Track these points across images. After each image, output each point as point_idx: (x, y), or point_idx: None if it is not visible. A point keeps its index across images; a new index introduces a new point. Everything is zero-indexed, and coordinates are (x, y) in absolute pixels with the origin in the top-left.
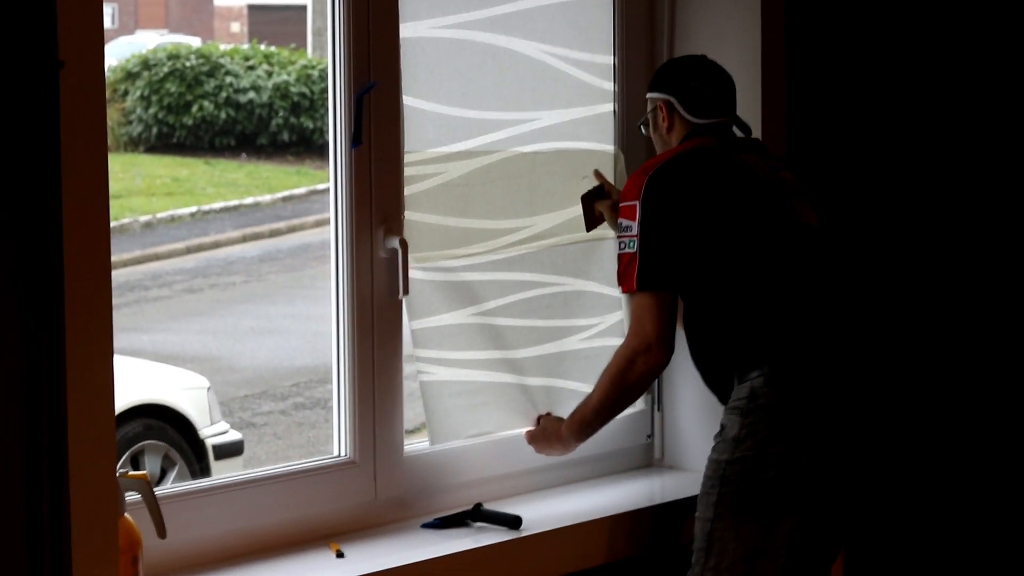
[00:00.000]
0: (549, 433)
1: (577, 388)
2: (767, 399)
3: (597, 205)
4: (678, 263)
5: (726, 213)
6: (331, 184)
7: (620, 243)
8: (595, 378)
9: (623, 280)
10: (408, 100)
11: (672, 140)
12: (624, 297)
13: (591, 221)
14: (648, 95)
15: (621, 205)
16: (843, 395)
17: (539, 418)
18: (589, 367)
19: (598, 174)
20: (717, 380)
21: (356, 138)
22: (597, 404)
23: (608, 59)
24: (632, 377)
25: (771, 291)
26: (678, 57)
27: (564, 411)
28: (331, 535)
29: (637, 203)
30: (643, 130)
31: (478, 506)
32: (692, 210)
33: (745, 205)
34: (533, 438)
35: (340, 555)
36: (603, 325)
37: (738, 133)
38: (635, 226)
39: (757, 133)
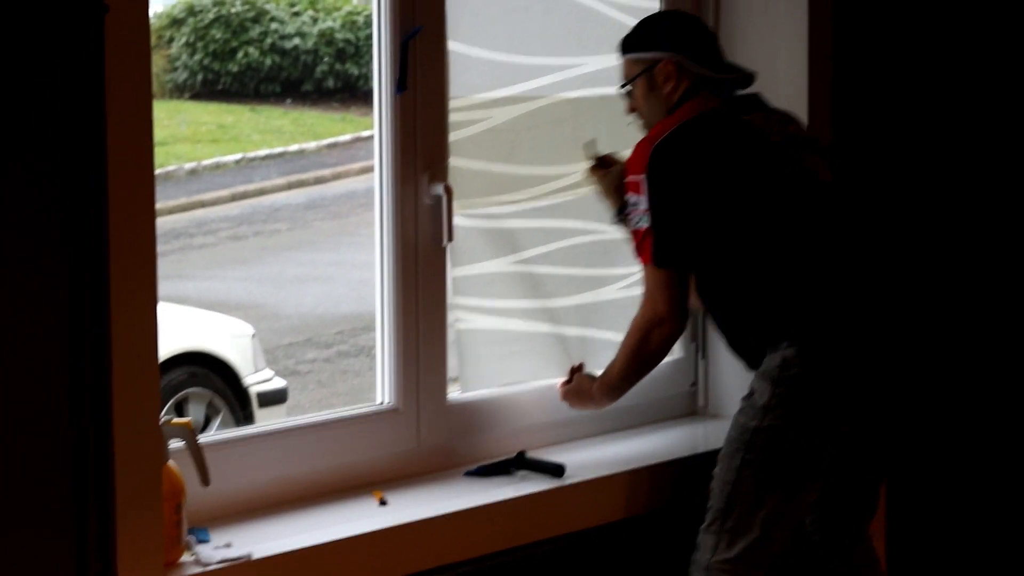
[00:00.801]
0: (582, 391)
1: (612, 338)
2: (799, 368)
3: (597, 178)
4: (692, 238)
5: (739, 180)
6: (376, 130)
7: (631, 218)
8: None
9: (640, 253)
10: (453, 45)
11: (673, 100)
12: None
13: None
14: (635, 56)
15: (627, 179)
16: (875, 366)
17: (572, 370)
18: (625, 317)
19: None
20: (746, 349)
21: (401, 83)
22: (620, 371)
23: (654, 3)
24: (650, 348)
25: (795, 258)
26: (659, 13)
27: (598, 361)
28: (374, 483)
29: (643, 177)
30: (627, 98)
31: (521, 454)
32: (702, 181)
33: (758, 169)
34: (566, 394)
35: (383, 503)
36: (640, 274)
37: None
38: (644, 200)
39: (803, 72)
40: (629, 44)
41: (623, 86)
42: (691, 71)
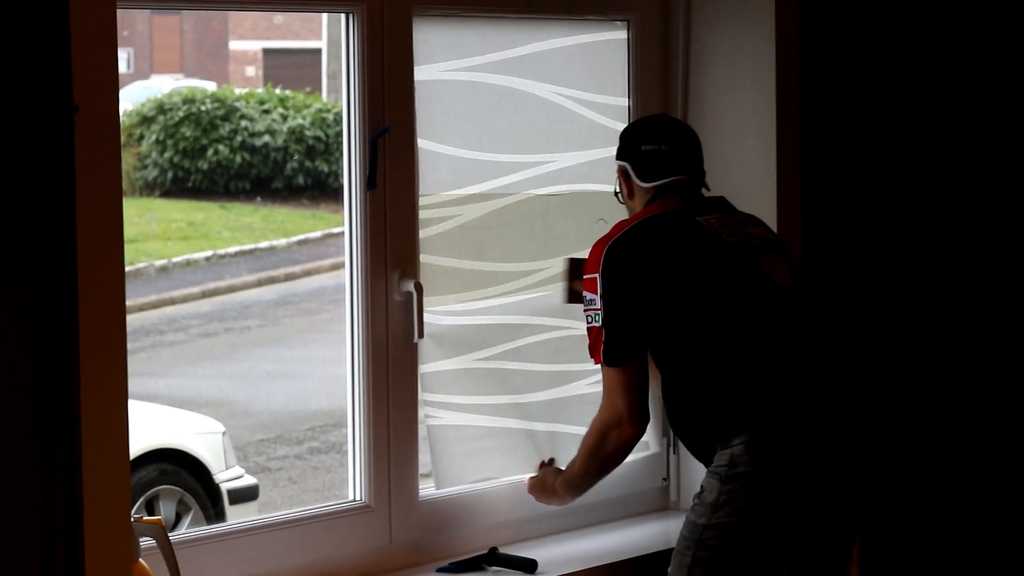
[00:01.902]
0: (546, 486)
1: (581, 432)
2: (746, 466)
3: (574, 284)
4: (644, 335)
5: (689, 279)
6: (346, 227)
7: (587, 316)
8: None
9: (593, 353)
10: (423, 143)
11: (636, 206)
12: None
13: (570, 294)
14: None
15: (584, 277)
16: (822, 462)
17: (541, 464)
18: (594, 411)
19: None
20: (699, 448)
21: (371, 181)
22: (579, 470)
23: (623, 101)
24: (607, 449)
25: (745, 356)
26: (637, 120)
27: (567, 455)
28: None
29: (597, 276)
30: (619, 199)
31: (493, 550)
32: (652, 279)
33: (709, 268)
34: (532, 488)
35: None
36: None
37: (706, 192)
38: (597, 299)
39: (772, 179)
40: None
41: (614, 191)
42: (633, 178)
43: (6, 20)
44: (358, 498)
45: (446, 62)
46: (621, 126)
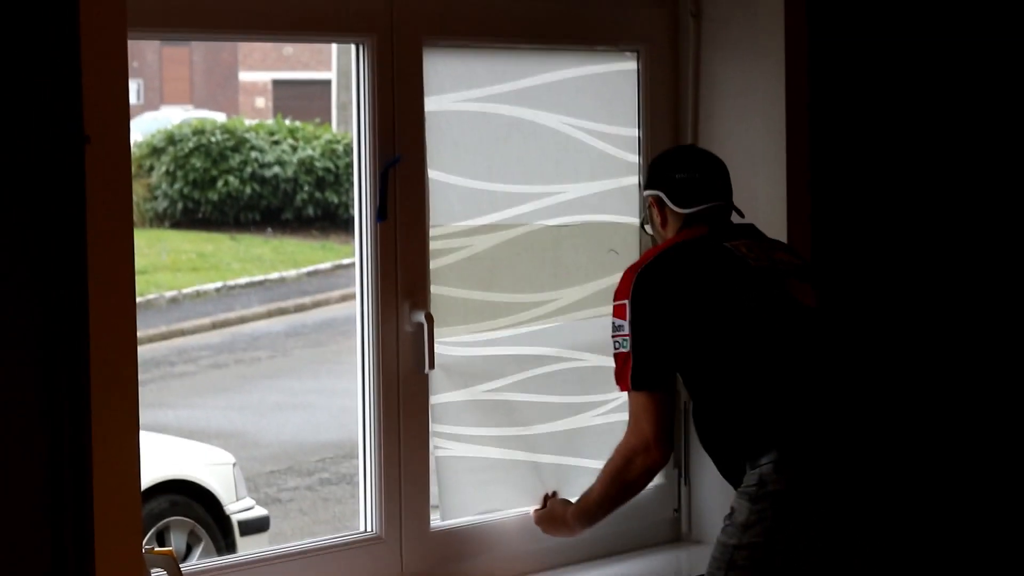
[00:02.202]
0: (556, 517)
1: (588, 465)
2: (776, 485)
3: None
4: (672, 361)
5: (717, 303)
6: (357, 258)
7: (615, 342)
8: (607, 454)
9: (619, 380)
10: (433, 174)
11: (668, 234)
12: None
13: None
14: (644, 193)
15: (614, 304)
16: (851, 481)
17: (545, 497)
18: (602, 443)
19: None
20: (729, 468)
21: (382, 212)
22: (598, 498)
23: (633, 131)
24: (631, 475)
25: (772, 377)
26: (666, 150)
27: (573, 488)
28: None
29: (627, 302)
30: (647, 230)
31: None
32: (681, 305)
33: (736, 292)
34: (540, 520)
35: None
36: (618, 401)
37: (736, 218)
38: (627, 325)
39: (782, 207)
40: (644, 182)
41: (641, 223)
42: (670, 207)
43: (17, 51)
44: (369, 529)
45: (456, 92)
46: (632, 156)
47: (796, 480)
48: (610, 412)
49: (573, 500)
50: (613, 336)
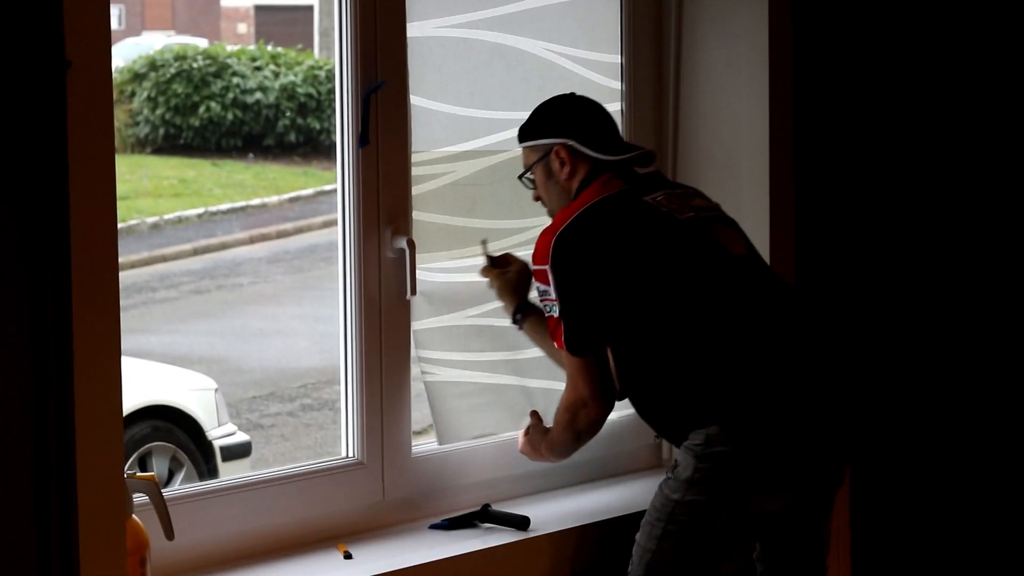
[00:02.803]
0: (535, 446)
1: None
2: (723, 446)
3: (491, 278)
4: (603, 324)
5: (645, 263)
6: (338, 184)
7: (543, 306)
8: None
9: (554, 338)
10: (415, 99)
11: (573, 186)
12: None
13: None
14: (529, 144)
15: (534, 268)
16: (797, 440)
17: (532, 416)
18: None
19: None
20: (670, 432)
21: (364, 138)
22: (558, 441)
23: (615, 58)
24: (579, 426)
25: (711, 337)
26: (553, 98)
27: None
28: (338, 536)
29: (547, 268)
30: (530, 185)
31: (486, 507)
32: (608, 268)
33: (664, 250)
34: (523, 447)
35: (348, 556)
36: None
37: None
38: (551, 290)
39: (764, 135)
40: (524, 132)
41: (522, 175)
42: (584, 155)
43: None
44: (351, 455)
45: (439, 18)
46: (615, 83)
47: (742, 442)
48: None
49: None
50: (541, 300)
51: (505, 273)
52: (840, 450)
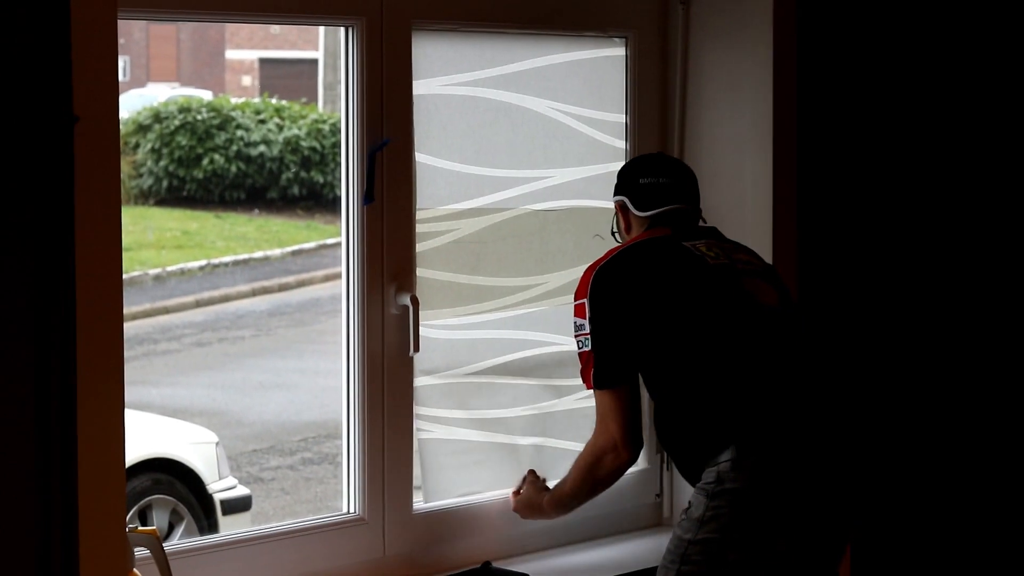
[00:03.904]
0: (532, 504)
1: (567, 447)
2: (733, 483)
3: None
4: (632, 358)
5: (674, 300)
6: (343, 240)
7: (577, 342)
8: (586, 437)
9: (584, 378)
10: (420, 157)
11: (631, 236)
12: None
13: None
14: (613, 200)
15: (575, 303)
16: (808, 480)
17: (523, 479)
18: (582, 425)
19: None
20: (688, 467)
21: (369, 195)
22: (570, 491)
23: (620, 117)
24: (600, 474)
25: (730, 374)
26: (634, 157)
27: (553, 470)
28: None
29: (586, 301)
30: (616, 238)
31: (487, 564)
32: (638, 302)
33: (693, 290)
34: (518, 505)
35: None
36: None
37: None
38: (587, 324)
39: (768, 195)
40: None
41: (611, 231)
42: (633, 212)
43: (7, 29)
44: (352, 511)
45: (445, 76)
46: (619, 143)
47: (753, 479)
48: (589, 397)
49: (549, 482)
50: (576, 336)
51: (519, 494)
52: (847, 501)
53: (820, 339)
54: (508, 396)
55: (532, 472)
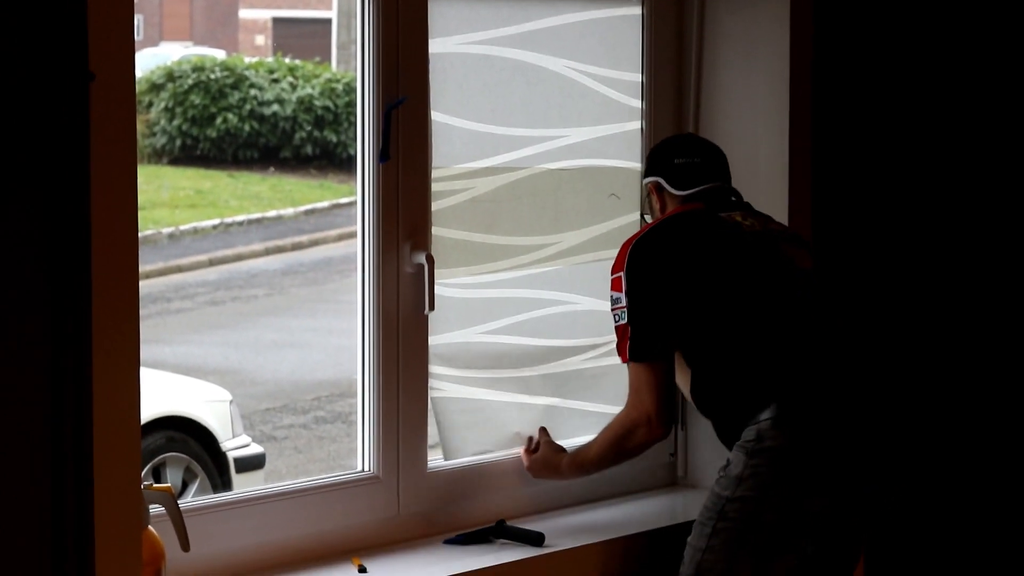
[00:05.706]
0: (549, 464)
1: (579, 407)
2: (773, 441)
3: (528, 464)
4: (670, 330)
5: (713, 268)
6: (358, 198)
7: (614, 315)
8: (598, 398)
9: (620, 351)
10: (436, 115)
11: (665, 214)
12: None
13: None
14: (644, 181)
15: (611, 277)
16: (848, 439)
17: (530, 439)
18: (594, 386)
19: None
20: (727, 430)
21: (384, 153)
22: (595, 458)
23: (636, 77)
24: (629, 445)
25: (770, 336)
26: (665, 138)
27: (563, 430)
28: (353, 550)
29: (622, 274)
30: (647, 219)
31: (501, 522)
32: (676, 273)
33: (732, 256)
34: (532, 464)
35: (362, 570)
36: (610, 346)
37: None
38: (623, 297)
39: (784, 157)
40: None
41: (641, 213)
42: (669, 192)
43: None
44: (367, 469)
45: (461, 35)
46: (635, 102)
47: (793, 437)
48: (601, 356)
49: (562, 443)
50: (612, 309)
51: (533, 453)
52: (878, 464)
53: (852, 304)
54: (522, 355)
55: (544, 431)
